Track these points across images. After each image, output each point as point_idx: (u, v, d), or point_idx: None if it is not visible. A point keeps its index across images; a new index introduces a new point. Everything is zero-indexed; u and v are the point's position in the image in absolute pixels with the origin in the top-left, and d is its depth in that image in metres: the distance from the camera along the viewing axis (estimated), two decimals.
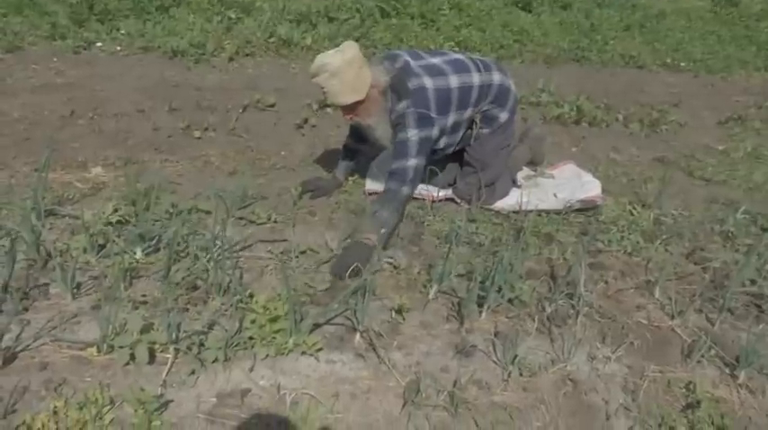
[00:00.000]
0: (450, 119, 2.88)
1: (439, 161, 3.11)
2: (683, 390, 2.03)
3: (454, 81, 2.83)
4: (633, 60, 6.52)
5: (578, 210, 3.11)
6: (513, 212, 3.06)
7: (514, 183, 3.30)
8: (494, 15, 7.25)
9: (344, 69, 2.57)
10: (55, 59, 4.84)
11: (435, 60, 2.88)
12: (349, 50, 2.60)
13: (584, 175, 3.44)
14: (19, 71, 4.51)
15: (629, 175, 3.70)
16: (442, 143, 2.96)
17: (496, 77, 2.98)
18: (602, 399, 1.98)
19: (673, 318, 2.37)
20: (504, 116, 3.04)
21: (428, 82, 2.76)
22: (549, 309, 2.33)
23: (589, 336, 2.23)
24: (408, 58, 2.81)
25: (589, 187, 3.27)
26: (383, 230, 2.60)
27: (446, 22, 6.72)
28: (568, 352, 2.11)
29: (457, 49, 5.95)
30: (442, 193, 3.15)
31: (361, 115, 2.76)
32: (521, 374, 2.02)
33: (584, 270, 2.41)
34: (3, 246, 2.33)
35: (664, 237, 2.92)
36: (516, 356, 2.03)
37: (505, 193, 3.17)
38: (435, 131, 2.79)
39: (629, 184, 3.57)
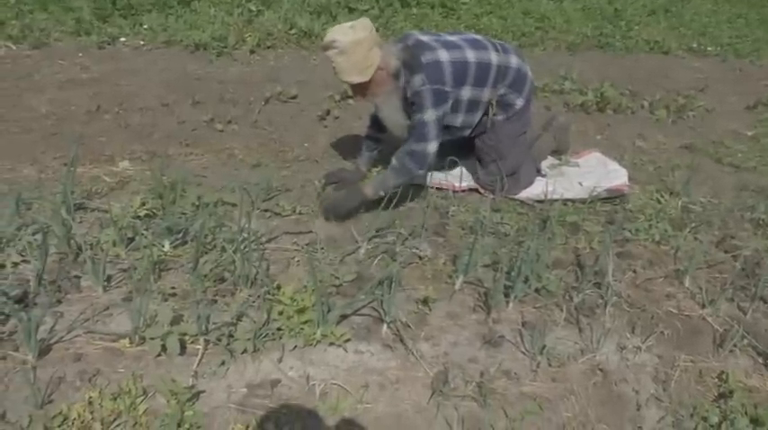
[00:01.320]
0: (467, 92, 2.82)
1: (456, 149, 3.10)
2: (716, 380, 2.01)
3: (471, 56, 2.78)
4: (658, 46, 6.40)
5: (604, 199, 3.08)
6: (538, 202, 3.03)
7: (539, 172, 3.27)
8: (514, 2, 7.16)
9: (352, 49, 2.54)
10: (80, 55, 4.89)
11: (452, 38, 2.85)
12: (361, 30, 2.56)
13: (610, 163, 3.40)
14: (45, 67, 4.56)
15: (655, 163, 3.64)
16: (458, 121, 2.90)
17: (514, 61, 2.93)
18: (632, 389, 1.96)
19: (703, 307, 2.34)
20: (519, 102, 2.98)
21: (443, 55, 2.71)
22: (576, 299, 2.31)
23: (618, 326, 2.21)
24: (421, 36, 2.80)
25: (615, 175, 3.23)
26: (382, 193, 2.74)
27: (467, 10, 6.66)
28: (597, 342, 2.09)
29: None
30: (465, 184, 3.13)
31: (367, 95, 2.77)
32: (549, 364, 2.01)
33: (611, 259, 2.39)
34: (35, 239, 2.37)
35: (693, 225, 2.88)
36: (545, 346, 2.02)
37: (530, 183, 3.15)
38: (449, 105, 2.76)
39: (655, 172, 3.52)
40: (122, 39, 5.29)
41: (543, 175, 3.26)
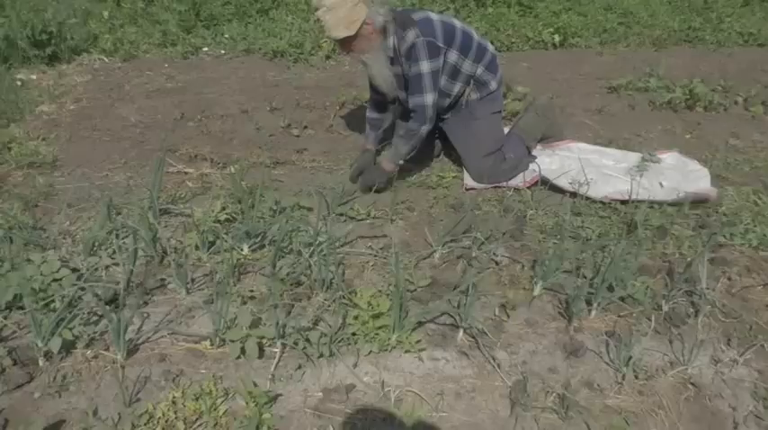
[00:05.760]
0: (452, 56, 2.93)
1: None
2: None
3: (457, 23, 2.99)
4: (753, 38, 5.99)
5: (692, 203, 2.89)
6: (621, 203, 2.89)
7: (530, 153, 3.27)
8: None
9: (338, 5, 2.67)
10: (166, 65, 5.12)
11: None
12: None
13: (691, 163, 3.20)
14: (135, 78, 4.80)
15: (751, 163, 3.41)
16: (440, 83, 2.97)
17: (489, 46, 3.11)
18: (728, 406, 1.83)
19: None
20: (494, 84, 3.12)
21: (432, 15, 2.93)
22: (665, 308, 2.19)
23: (712, 338, 2.07)
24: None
25: (696, 176, 3.05)
26: (400, 162, 3.01)
27: (545, 7, 6.47)
28: (689, 354, 1.97)
29: (556, 36, 5.73)
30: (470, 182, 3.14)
31: (355, 51, 2.87)
32: (636, 377, 1.91)
33: (704, 265, 2.25)
34: (125, 243, 2.48)
35: None
36: (631, 358, 1.91)
37: (522, 163, 3.16)
38: (441, 61, 2.88)
39: (752, 172, 3.29)
40: (205, 48, 5.50)
41: (534, 157, 3.22)
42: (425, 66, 2.82)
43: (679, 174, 3.08)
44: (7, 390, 1.84)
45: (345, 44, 2.83)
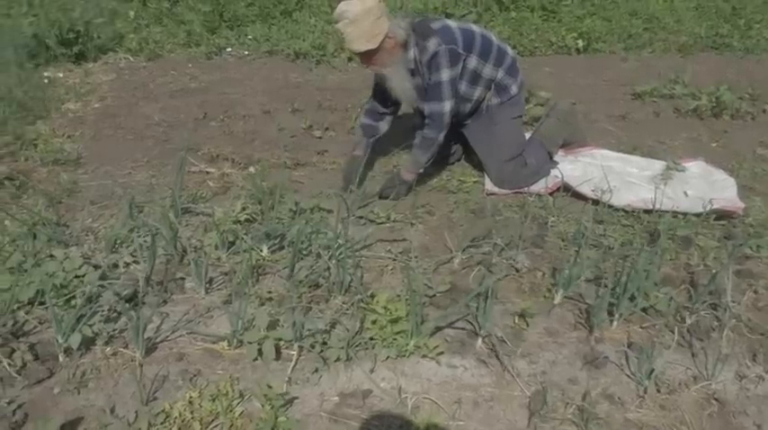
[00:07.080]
0: (472, 61, 2.93)
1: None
2: None
3: (476, 28, 3.00)
4: None
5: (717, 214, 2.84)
6: (645, 212, 2.85)
7: (551, 158, 3.22)
8: (620, 3, 6.82)
9: (361, 18, 2.67)
10: (190, 65, 5.16)
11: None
12: (369, 0, 2.68)
13: (716, 173, 3.15)
14: (159, 77, 4.85)
15: None
16: (461, 89, 2.98)
17: (509, 50, 3.11)
18: (753, 423, 1.79)
19: None
20: (515, 89, 3.10)
21: (451, 23, 2.93)
22: (689, 321, 2.15)
23: (737, 352, 2.02)
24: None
25: (722, 185, 2.99)
26: (420, 170, 3.03)
27: (568, 12, 6.42)
28: (713, 368, 1.92)
29: (580, 41, 5.68)
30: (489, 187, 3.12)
31: (376, 64, 2.86)
32: (658, 391, 1.87)
33: (730, 278, 2.20)
34: (146, 241, 2.49)
35: None
36: (653, 370, 1.88)
37: (543, 168, 3.12)
38: (460, 68, 2.89)
39: None
40: (228, 49, 5.54)
41: (556, 163, 3.19)
42: (446, 74, 2.82)
43: (704, 184, 3.03)
44: (28, 385, 1.86)
45: (366, 57, 2.82)
